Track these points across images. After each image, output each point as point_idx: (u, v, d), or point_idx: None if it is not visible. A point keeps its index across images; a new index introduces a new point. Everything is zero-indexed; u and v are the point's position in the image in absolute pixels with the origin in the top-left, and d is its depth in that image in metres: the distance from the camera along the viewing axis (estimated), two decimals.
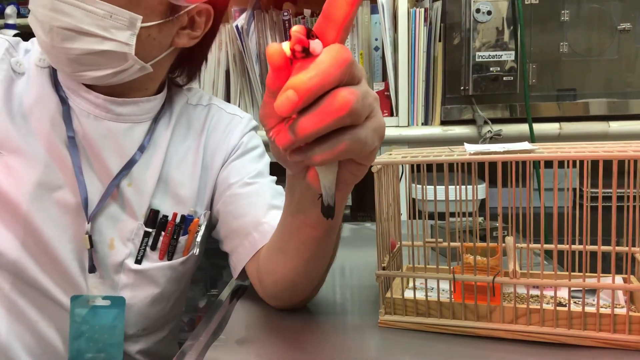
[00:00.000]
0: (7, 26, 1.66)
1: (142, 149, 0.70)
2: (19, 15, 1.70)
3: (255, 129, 0.83)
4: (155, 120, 0.73)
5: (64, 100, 0.67)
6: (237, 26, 1.39)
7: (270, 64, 0.34)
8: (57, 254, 0.66)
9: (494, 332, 0.57)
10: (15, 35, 1.65)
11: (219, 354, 0.56)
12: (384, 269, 0.62)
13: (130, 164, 0.69)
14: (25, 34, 0.69)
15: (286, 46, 0.33)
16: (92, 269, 0.68)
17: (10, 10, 1.67)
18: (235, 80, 1.46)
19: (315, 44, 0.33)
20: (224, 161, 0.77)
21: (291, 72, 0.34)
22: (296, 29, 0.32)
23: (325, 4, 0.34)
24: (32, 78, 0.68)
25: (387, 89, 1.43)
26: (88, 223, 0.67)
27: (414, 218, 0.63)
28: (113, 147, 0.69)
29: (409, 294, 0.62)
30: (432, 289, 0.66)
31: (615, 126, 1.36)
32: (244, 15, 1.42)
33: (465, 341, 0.57)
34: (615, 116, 1.38)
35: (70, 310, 0.67)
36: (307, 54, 0.33)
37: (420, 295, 0.62)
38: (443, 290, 0.62)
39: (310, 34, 0.33)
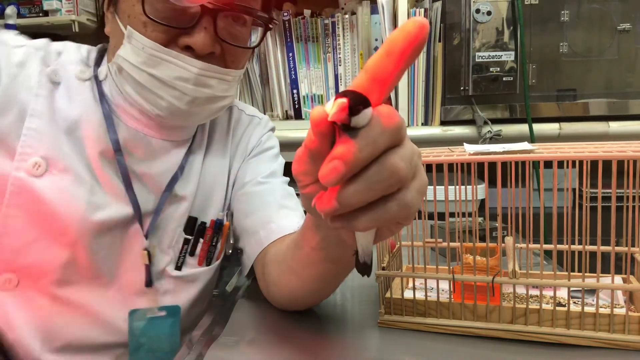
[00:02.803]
0: (7, 26, 1.66)
1: (184, 160, 0.70)
2: (19, 15, 1.70)
3: (272, 129, 0.84)
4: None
5: (107, 114, 0.65)
6: None
7: (312, 128, 0.31)
8: (107, 272, 0.66)
9: (493, 332, 0.58)
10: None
11: (219, 354, 0.56)
12: (383, 269, 0.62)
13: (175, 176, 0.69)
14: (25, 34, 0.67)
15: (329, 110, 0.30)
16: (150, 283, 0.68)
17: (10, 10, 1.66)
18: None
19: (359, 119, 0.29)
20: (242, 161, 0.78)
21: (335, 135, 0.31)
22: (339, 103, 0.29)
23: (368, 61, 0.31)
24: (72, 90, 0.65)
25: None
26: (147, 239, 0.67)
27: (414, 218, 0.63)
28: (159, 162, 0.68)
29: (408, 294, 0.62)
30: (432, 289, 0.67)
31: (615, 126, 1.36)
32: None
33: (464, 341, 0.57)
34: (615, 116, 1.38)
35: (129, 324, 0.67)
36: (349, 129, 0.30)
37: (419, 295, 0.62)
38: (443, 290, 0.62)
39: (356, 105, 0.29)
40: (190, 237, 0.71)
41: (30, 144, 0.61)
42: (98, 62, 0.69)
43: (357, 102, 0.29)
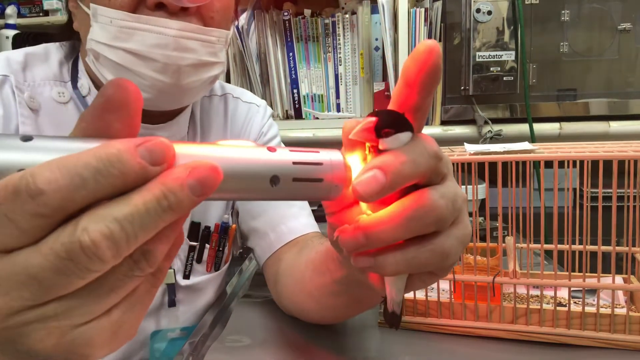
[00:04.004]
0: (8, 26, 1.66)
1: None
2: (19, 15, 1.70)
3: (272, 116, 0.79)
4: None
5: None
6: (237, 26, 1.39)
7: (343, 141, 0.29)
8: None
9: (493, 332, 0.57)
10: (15, 36, 1.65)
11: (219, 354, 0.56)
12: None
13: None
14: (25, 34, 0.65)
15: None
16: (173, 303, 0.66)
17: (10, 10, 1.67)
18: (235, 80, 1.46)
19: (389, 142, 0.28)
20: None
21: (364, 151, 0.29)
22: (366, 121, 0.27)
23: (394, 90, 0.30)
24: (55, 116, 0.60)
25: (387, 89, 1.42)
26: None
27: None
28: None
29: (409, 294, 0.62)
30: (432, 289, 0.66)
31: (616, 126, 1.36)
32: (244, 15, 1.42)
33: (465, 341, 0.57)
34: (616, 116, 1.38)
35: (150, 346, 0.66)
36: (379, 152, 0.28)
37: (420, 295, 0.61)
38: (443, 290, 0.62)
39: (386, 126, 0.28)
40: (195, 243, 0.69)
41: None
42: (74, 77, 0.63)
43: (388, 123, 0.28)
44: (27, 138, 0.22)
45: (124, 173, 0.21)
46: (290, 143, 0.79)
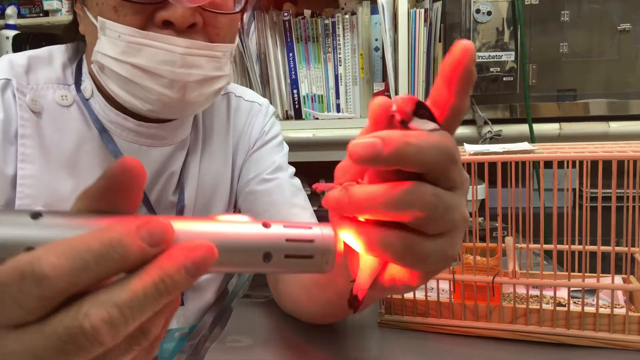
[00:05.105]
0: (8, 26, 1.66)
1: (183, 167, 0.67)
2: (19, 15, 1.70)
3: (274, 114, 0.78)
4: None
5: (106, 137, 0.61)
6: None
7: (369, 116, 0.30)
8: None
9: (493, 332, 0.58)
10: (15, 36, 1.65)
11: (219, 354, 0.56)
12: None
13: (180, 185, 0.66)
14: (26, 34, 0.65)
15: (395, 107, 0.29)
16: (181, 302, 0.65)
17: (10, 10, 1.67)
18: (235, 81, 1.46)
19: (420, 123, 0.29)
20: (245, 155, 0.73)
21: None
22: (409, 97, 0.28)
23: (432, 89, 0.31)
24: (58, 119, 0.60)
25: (387, 89, 1.43)
26: None
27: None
28: (160, 173, 0.64)
29: (408, 294, 0.62)
30: (432, 289, 0.66)
31: (615, 126, 1.36)
32: (244, 16, 1.43)
33: (465, 341, 0.57)
34: (615, 116, 1.38)
35: (160, 347, 0.65)
36: (406, 128, 0.29)
37: (420, 295, 0.62)
38: (443, 290, 0.62)
39: (424, 108, 0.29)
40: None
41: (28, 194, 0.57)
42: (78, 80, 0.63)
43: (426, 106, 0.29)
44: (36, 215, 0.24)
45: (125, 257, 0.23)
46: (290, 143, 0.79)
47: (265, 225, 0.27)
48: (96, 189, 0.25)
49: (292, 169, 0.75)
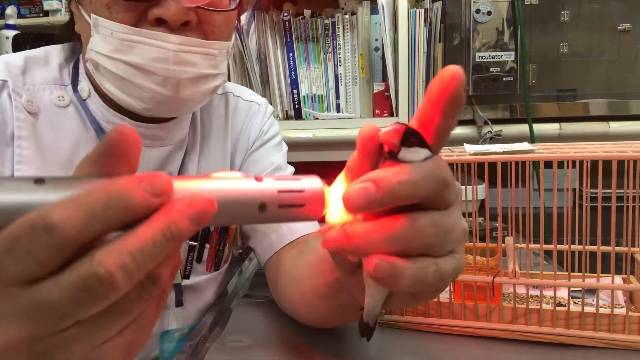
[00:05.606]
0: (8, 26, 1.66)
1: (182, 168, 0.67)
2: (19, 15, 1.71)
3: (273, 114, 0.78)
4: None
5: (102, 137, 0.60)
6: (237, 26, 1.39)
7: (357, 144, 0.30)
8: None
9: (493, 332, 0.57)
10: (15, 36, 1.65)
11: (219, 354, 0.56)
12: None
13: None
14: (25, 34, 0.64)
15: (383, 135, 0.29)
16: (180, 303, 0.66)
17: (10, 10, 1.67)
18: (235, 81, 1.46)
19: (409, 153, 0.28)
20: (244, 155, 0.73)
21: (378, 163, 0.30)
22: (396, 126, 0.28)
23: (418, 108, 0.30)
24: (55, 120, 0.60)
25: (387, 89, 1.43)
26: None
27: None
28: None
29: None
30: None
31: (615, 126, 1.36)
32: (244, 16, 1.43)
33: (465, 341, 0.57)
34: (615, 116, 1.38)
35: (160, 346, 0.66)
36: (395, 159, 0.29)
37: None
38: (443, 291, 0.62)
39: (412, 136, 0.29)
40: (195, 243, 0.69)
41: None
42: (75, 80, 0.62)
43: (415, 134, 0.29)
44: (39, 181, 0.24)
45: (130, 206, 0.24)
46: (290, 143, 0.79)
47: (258, 179, 0.29)
48: (96, 154, 0.26)
49: (292, 169, 0.74)
